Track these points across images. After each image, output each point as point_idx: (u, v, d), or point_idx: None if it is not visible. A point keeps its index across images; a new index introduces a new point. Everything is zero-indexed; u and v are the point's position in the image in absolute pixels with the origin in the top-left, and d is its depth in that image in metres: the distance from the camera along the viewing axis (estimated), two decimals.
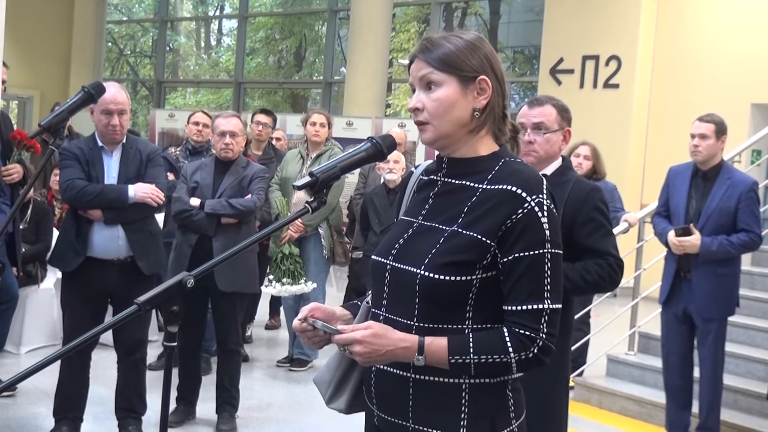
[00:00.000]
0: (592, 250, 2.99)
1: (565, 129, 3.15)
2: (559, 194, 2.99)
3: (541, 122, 3.11)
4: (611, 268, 2.99)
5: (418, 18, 16.05)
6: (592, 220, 3.00)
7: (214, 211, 4.69)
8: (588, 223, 3.00)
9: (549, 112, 3.12)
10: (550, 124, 3.11)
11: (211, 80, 19.93)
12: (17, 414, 4.80)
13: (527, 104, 3.19)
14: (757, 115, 9.14)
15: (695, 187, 4.74)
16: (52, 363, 1.68)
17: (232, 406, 4.79)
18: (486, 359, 1.79)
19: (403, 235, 1.94)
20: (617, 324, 6.24)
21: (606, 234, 3.04)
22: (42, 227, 5.93)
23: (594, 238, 2.99)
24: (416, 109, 1.90)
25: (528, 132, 3.12)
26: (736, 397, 5.25)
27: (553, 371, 2.95)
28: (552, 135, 3.11)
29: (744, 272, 5.37)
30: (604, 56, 10.18)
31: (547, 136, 3.10)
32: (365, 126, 10.70)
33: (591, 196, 3.03)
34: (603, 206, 3.06)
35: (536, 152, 3.11)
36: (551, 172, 3.13)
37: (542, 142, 3.10)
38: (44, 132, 2.74)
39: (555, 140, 3.12)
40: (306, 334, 1.91)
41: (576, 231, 2.98)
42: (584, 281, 2.95)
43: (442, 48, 1.88)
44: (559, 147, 3.14)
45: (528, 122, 3.13)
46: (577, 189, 3.05)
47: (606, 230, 3.04)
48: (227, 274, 4.60)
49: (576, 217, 2.98)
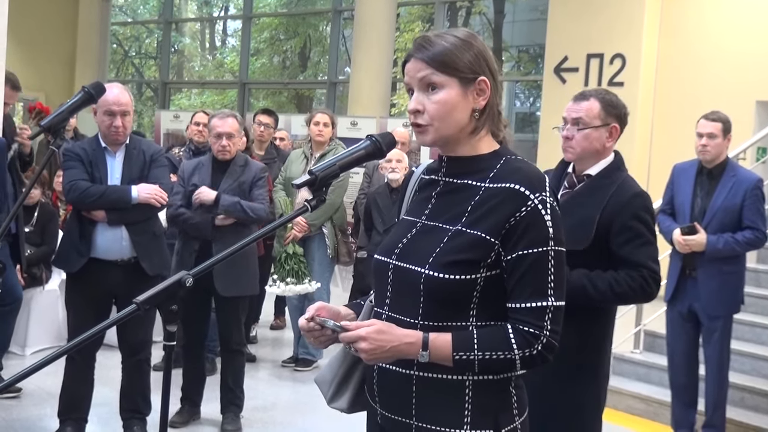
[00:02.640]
0: (626, 260, 2.81)
1: (611, 125, 2.95)
2: (599, 197, 2.85)
3: (579, 117, 2.94)
4: (644, 281, 2.80)
5: (422, 17, 16.03)
6: (630, 229, 2.81)
7: (227, 210, 4.61)
8: (624, 231, 2.82)
9: (591, 107, 2.94)
10: (590, 119, 2.93)
11: (215, 81, 19.94)
12: (21, 415, 4.80)
13: (573, 98, 3.03)
14: (761, 113, 9.10)
15: (700, 184, 4.73)
16: (53, 361, 1.67)
17: (236, 406, 4.80)
18: (490, 356, 1.79)
19: (406, 235, 1.94)
20: (623, 322, 6.18)
21: (643, 244, 2.83)
22: (47, 230, 5.94)
23: (629, 248, 2.81)
24: (417, 111, 1.87)
25: (567, 127, 2.97)
26: (742, 395, 5.24)
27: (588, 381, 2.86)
28: (591, 131, 2.93)
29: (749, 270, 5.36)
30: (608, 54, 10.14)
31: (585, 132, 2.93)
32: (370, 126, 10.66)
33: (632, 203, 2.85)
34: (645, 214, 2.86)
35: (573, 148, 2.96)
36: (596, 172, 2.97)
37: (580, 139, 2.93)
38: (45, 132, 2.74)
39: (595, 137, 2.93)
40: (312, 334, 1.91)
41: (612, 239, 2.82)
42: (613, 292, 2.78)
43: (439, 47, 1.85)
44: (603, 144, 2.95)
45: (568, 117, 2.98)
46: (618, 193, 2.87)
47: (644, 240, 2.84)
48: (226, 278, 4.60)
49: (613, 224, 2.82)
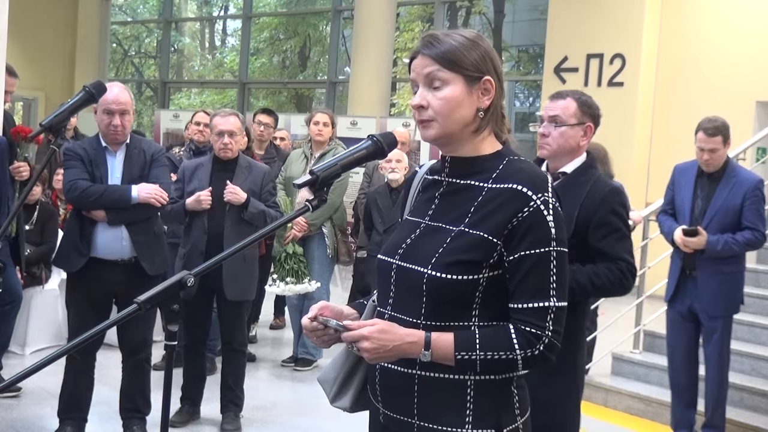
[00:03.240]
0: (605, 254, 2.90)
1: (586, 124, 3.04)
2: (577, 194, 2.92)
3: (556, 115, 3.01)
4: (622, 274, 2.91)
5: (422, 17, 16.03)
6: (607, 224, 2.91)
7: (252, 216, 4.61)
8: (602, 226, 2.90)
9: (567, 105, 3.02)
10: (567, 117, 3.00)
11: (215, 81, 19.94)
12: (21, 414, 4.80)
13: (550, 97, 3.10)
14: (761, 113, 9.11)
15: (701, 185, 4.73)
16: (54, 361, 1.67)
17: (236, 405, 4.80)
18: (492, 355, 1.79)
19: (410, 236, 1.94)
20: (622, 322, 6.22)
21: (620, 238, 2.93)
22: (47, 229, 5.94)
23: (607, 241, 2.90)
24: (421, 107, 1.89)
25: (543, 124, 3.03)
26: (741, 395, 5.24)
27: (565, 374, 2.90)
28: (567, 129, 3.00)
29: (749, 270, 5.36)
30: (608, 54, 10.14)
31: (561, 130, 3.00)
32: (369, 125, 10.67)
33: (609, 198, 2.93)
34: (621, 208, 2.96)
35: (549, 145, 3.01)
36: (572, 170, 3.03)
37: (556, 136, 3.00)
38: (46, 131, 2.74)
39: (571, 135, 3.00)
40: (315, 333, 1.91)
41: (590, 233, 2.90)
42: (592, 285, 2.87)
43: (446, 45, 1.86)
44: (578, 143, 3.03)
45: (545, 114, 3.04)
46: (595, 190, 2.95)
47: (620, 234, 2.94)
48: (235, 282, 4.62)
49: (591, 219, 2.90)
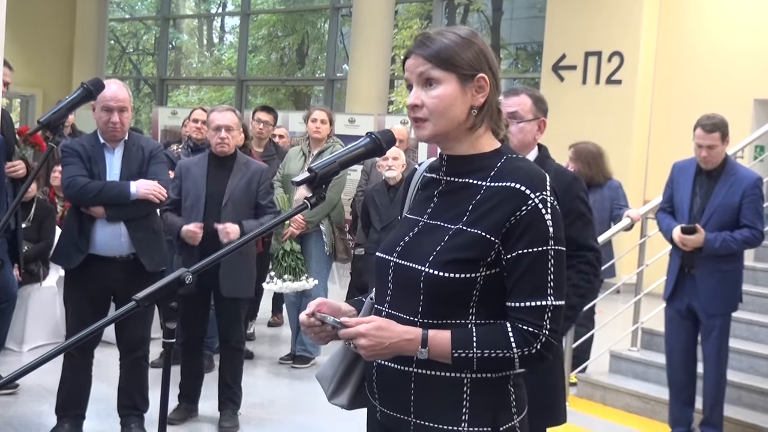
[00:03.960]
0: (573, 241, 2.93)
1: (540, 119, 3.15)
2: None
3: (515, 111, 3.11)
4: (591, 266, 3.01)
5: (420, 15, 16.03)
6: (573, 211, 2.99)
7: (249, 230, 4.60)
8: (569, 214, 2.93)
9: (524, 102, 3.13)
10: (524, 113, 3.11)
11: (213, 78, 19.93)
12: (19, 412, 4.80)
13: (503, 95, 3.17)
14: (759, 111, 9.11)
15: (699, 183, 4.73)
16: (52, 359, 1.67)
17: (234, 403, 4.80)
18: (489, 353, 1.79)
19: (408, 233, 1.94)
20: (620, 320, 6.23)
21: (585, 224, 3.04)
22: (45, 226, 5.93)
23: (575, 229, 2.97)
24: (415, 106, 1.89)
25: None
26: (739, 393, 5.24)
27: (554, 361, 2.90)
28: (526, 124, 3.11)
29: (747, 268, 5.36)
30: (606, 52, 10.15)
31: (520, 126, 3.10)
32: (367, 123, 10.67)
33: (572, 186, 3.04)
34: (584, 195, 3.08)
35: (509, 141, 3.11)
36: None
37: (516, 131, 3.10)
38: (44, 129, 2.74)
39: (529, 129, 3.12)
40: (313, 329, 1.90)
41: None
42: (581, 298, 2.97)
43: (439, 44, 1.87)
44: (534, 137, 3.15)
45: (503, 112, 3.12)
46: (557, 179, 2.99)
47: (585, 220, 3.05)
48: (232, 279, 4.61)
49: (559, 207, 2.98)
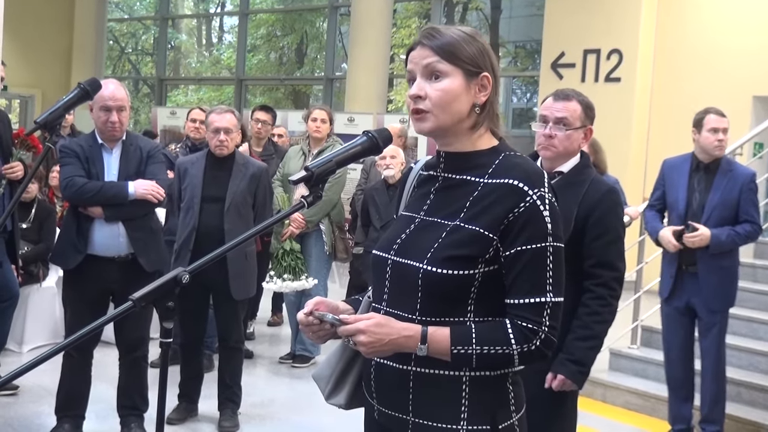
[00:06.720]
0: (595, 256, 2.88)
1: (587, 127, 3.02)
2: (575, 193, 2.90)
3: (564, 117, 2.97)
4: (609, 289, 2.89)
5: (418, 13, 16.03)
6: (603, 224, 2.89)
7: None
8: (598, 225, 2.89)
9: (574, 108, 2.98)
10: (573, 120, 2.97)
11: (212, 77, 19.93)
12: (19, 412, 4.80)
13: (553, 96, 3.05)
14: (759, 108, 9.10)
15: (697, 180, 4.72)
16: (50, 358, 1.66)
17: (234, 402, 4.80)
18: (488, 350, 1.79)
19: (405, 231, 1.94)
20: (620, 318, 6.15)
21: (613, 241, 2.92)
22: (45, 227, 5.92)
23: (601, 243, 2.88)
24: (418, 97, 1.87)
25: (549, 125, 2.98)
26: (738, 390, 5.24)
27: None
28: (573, 132, 2.97)
29: (747, 265, 5.37)
30: (605, 50, 10.13)
31: (568, 133, 2.96)
32: (366, 122, 10.66)
33: (606, 198, 2.92)
34: (618, 209, 2.96)
35: (555, 147, 2.97)
36: (568, 170, 3.00)
37: (563, 138, 2.96)
38: (41, 129, 2.74)
39: (576, 137, 2.98)
40: (311, 328, 1.89)
41: (587, 230, 2.88)
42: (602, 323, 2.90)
43: (447, 37, 1.86)
44: (579, 145, 3.01)
45: (551, 115, 2.99)
46: (593, 189, 2.93)
47: (614, 236, 2.92)
48: (240, 280, 4.63)
49: (588, 219, 2.88)
